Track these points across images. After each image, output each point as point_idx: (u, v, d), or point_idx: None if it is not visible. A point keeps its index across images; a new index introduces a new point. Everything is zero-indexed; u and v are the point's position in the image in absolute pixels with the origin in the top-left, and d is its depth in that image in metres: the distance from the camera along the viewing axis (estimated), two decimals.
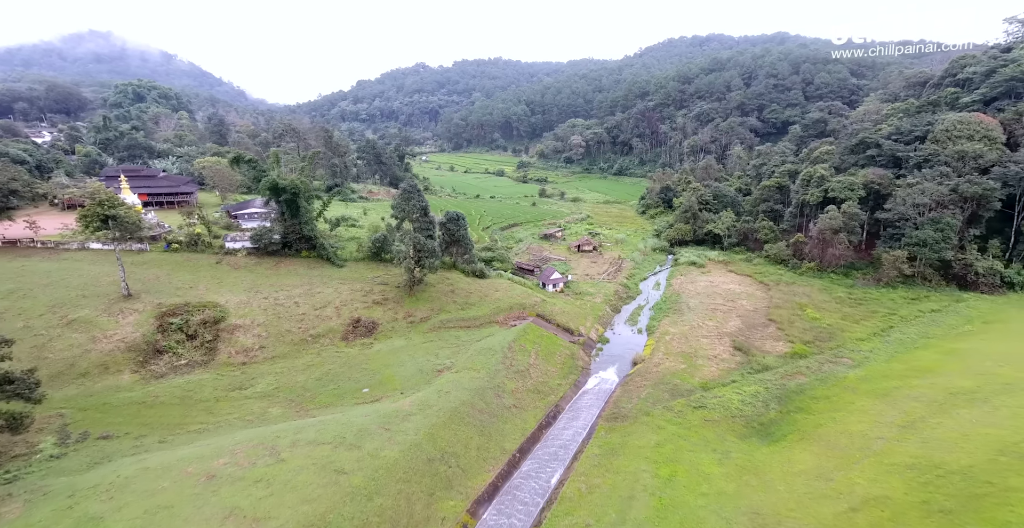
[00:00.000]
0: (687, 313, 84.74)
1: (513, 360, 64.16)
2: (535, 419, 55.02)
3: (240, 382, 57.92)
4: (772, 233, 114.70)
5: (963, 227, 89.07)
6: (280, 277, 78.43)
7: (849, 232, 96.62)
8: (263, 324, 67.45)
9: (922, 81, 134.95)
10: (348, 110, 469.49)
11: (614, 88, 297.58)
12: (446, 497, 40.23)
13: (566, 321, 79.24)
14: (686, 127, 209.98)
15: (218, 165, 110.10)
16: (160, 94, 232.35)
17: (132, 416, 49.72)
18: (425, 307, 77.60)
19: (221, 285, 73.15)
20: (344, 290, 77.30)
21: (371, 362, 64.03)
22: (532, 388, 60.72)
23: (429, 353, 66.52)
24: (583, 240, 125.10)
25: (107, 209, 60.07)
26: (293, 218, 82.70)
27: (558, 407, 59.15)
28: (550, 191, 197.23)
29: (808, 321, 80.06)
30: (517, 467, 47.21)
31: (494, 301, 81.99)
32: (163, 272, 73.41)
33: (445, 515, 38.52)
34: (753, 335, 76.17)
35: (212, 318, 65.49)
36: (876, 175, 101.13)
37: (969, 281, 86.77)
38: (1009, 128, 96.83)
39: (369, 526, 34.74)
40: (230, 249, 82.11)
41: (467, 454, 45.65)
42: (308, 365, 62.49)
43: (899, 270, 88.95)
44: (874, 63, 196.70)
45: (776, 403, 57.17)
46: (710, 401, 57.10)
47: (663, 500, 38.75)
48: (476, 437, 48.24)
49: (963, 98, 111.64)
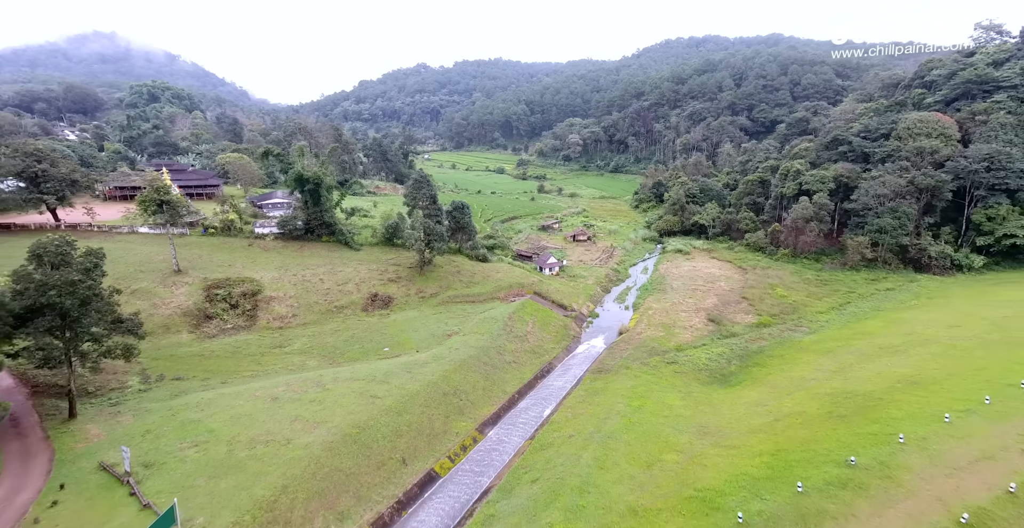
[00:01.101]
0: (670, 292, 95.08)
1: (513, 327, 74.58)
2: (531, 372, 65.45)
3: (279, 342, 68.41)
4: (752, 223, 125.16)
5: (919, 215, 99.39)
6: (305, 258, 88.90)
7: (819, 221, 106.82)
8: (294, 296, 77.94)
9: (895, 83, 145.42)
10: (351, 110, 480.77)
11: (611, 88, 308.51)
12: (459, 419, 50.67)
13: (560, 298, 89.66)
14: (679, 126, 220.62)
15: (241, 161, 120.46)
16: (173, 94, 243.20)
17: (195, 365, 60.17)
18: (434, 285, 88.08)
19: (255, 264, 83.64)
20: (362, 269, 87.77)
21: (389, 328, 74.46)
22: (529, 349, 71.15)
23: (439, 322, 76.96)
24: (578, 231, 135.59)
25: (162, 195, 70.51)
26: (315, 206, 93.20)
27: (551, 365, 69.59)
28: (548, 187, 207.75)
29: (777, 298, 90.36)
30: (516, 405, 57.65)
31: (495, 281, 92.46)
32: (204, 252, 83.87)
33: (459, 431, 48.95)
34: (726, 310, 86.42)
35: (250, 290, 75.94)
36: (845, 169, 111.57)
37: (923, 264, 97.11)
38: (964, 126, 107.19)
39: (400, 432, 45.15)
40: (259, 234, 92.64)
41: (474, 392, 56.08)
42: (335, 330, 72.94)
43: (862, 254, 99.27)
44: (859, 65, 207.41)
45: (738, 360, 67.58)
46: (681, 359, 67.52)
47: (631, 419, 49.10)
48: (481, 381, 58.68)
49: (927, 99, 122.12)
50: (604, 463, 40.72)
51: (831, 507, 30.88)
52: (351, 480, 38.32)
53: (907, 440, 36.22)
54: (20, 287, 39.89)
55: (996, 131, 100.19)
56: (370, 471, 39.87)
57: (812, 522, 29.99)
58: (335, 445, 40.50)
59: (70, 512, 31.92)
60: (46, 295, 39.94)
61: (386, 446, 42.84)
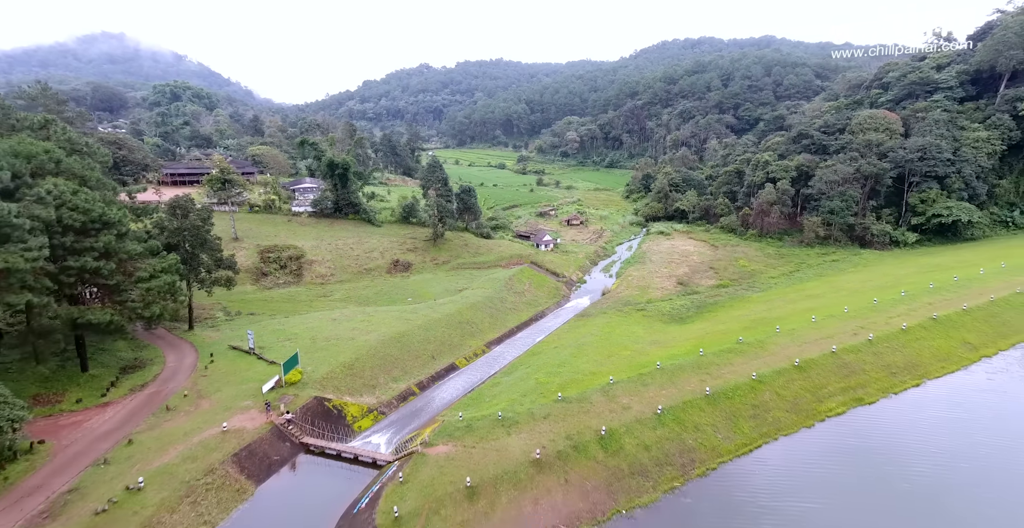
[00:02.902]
0: (648, 264, 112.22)
1: (512, 285, 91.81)
2: (527, 315, 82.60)
3: (323, 293, 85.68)
4: (727, 208, 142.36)
5: (864, 199, 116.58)
6: (336, 231, 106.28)
7: (782, 205, 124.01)
8: (330, 260, 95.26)
9: (859, 83, 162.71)
10: (355, 109, 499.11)
11: (608, 88, 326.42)
12: (471, 338, 67.84)
13: (554, 267, 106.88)
14: (670, 123, 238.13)
15: (271, 152, 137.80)
16: (193, 94, 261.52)
17: (261, 306, 77.40)
18: (445, 254, 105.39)
19: (295, 235, 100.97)
20: (384, 241, 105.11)
21: (410, 285, 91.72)
22: (526, 301, 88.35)
23: (451, 281, 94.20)
24: (572, 216, 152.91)
25: (227, 175, 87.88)
26: (343, 188, 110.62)
27: (544, 313, 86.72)
28: (547, 181, 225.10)
29: (739, 268, 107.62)
30: (515, 334, 74.80)
31: (498, 252, 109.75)
32: (253, 226, 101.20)
33: (471, 345, 66.14)
34: (694, 276, 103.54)
35: (295, 255, 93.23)
36: (806, 159, 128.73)
37: (867, 240, 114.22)
38: (907, 122, 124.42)
39: (429, 340, 62.33)
40: (296, 212, 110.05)
41: (482, 323, 73.28)
42: (366, 286, 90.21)
43: (816, 233, 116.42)
44: (836, 66, 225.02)
45: (695, 309, 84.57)
46: (650, 308, 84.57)
47: (602, 337, 66.24)
48: (487, 318, 75.88)
49: (882, 98, 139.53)
50: (577, 355, 57.94)
51: (718, 360, 48.09)
52: (398, 362, 55.57)
53: (782, 330, 53.48)
54: (162, 229, 57.19)
55: (931, 126, 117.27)
56: (410, 359, 57.09)
57: (703, 368, 47.15)
58: (384, 342, 57.74)
59: (224, 366, 49.16)
60: (179, 236, 57.27)
61: (420, 347, 60.06)
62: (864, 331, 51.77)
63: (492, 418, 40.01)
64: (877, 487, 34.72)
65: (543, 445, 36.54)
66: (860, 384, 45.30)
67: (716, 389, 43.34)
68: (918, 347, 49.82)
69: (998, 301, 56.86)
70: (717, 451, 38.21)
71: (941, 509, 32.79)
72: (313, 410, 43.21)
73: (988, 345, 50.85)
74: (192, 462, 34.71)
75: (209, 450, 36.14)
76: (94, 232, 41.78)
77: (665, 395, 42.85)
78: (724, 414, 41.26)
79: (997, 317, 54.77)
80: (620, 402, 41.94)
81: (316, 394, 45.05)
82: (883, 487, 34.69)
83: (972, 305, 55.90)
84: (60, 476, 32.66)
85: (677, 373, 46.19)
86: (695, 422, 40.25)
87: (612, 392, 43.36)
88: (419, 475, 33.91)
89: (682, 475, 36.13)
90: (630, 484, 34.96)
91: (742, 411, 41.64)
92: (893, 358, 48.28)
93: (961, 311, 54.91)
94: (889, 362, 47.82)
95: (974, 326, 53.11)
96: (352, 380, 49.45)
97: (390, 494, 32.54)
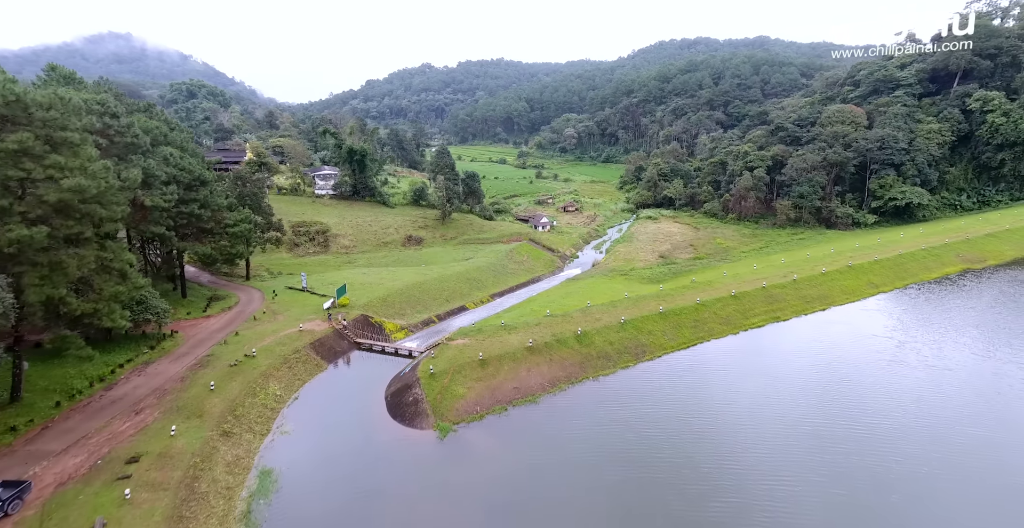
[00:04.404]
0: (635, 242, 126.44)
1: (513, 256, 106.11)
2: (526, 278, 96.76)
3: (348, 260, 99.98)
4: (710, 195, 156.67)
5: (830, 184, 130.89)
6: (355, 211, 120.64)
7: (758, 190, 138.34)
8: (352, 235, 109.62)
9: (835, 81, 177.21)
10: (359, 107, 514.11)
11: (605, 86, 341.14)
12: (478, 291, 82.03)
13: (550, 244, 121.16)
14: (663, 120, 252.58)
15: (291, 143, 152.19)
16: (208, 92, 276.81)
17: (297, 268, 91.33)
18: (453, 231, 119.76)
19: (320, 214, 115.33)
20: (398, 220, 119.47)
21: (423, 256, 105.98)
22: (525, 269, 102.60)
23: (458, 253, 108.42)
24: (568, 203, 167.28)
25: (263, 158, 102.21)
26: (361, 173, 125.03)
27: (540, 278, 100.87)
28: (545, 174, 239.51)
29: (715, 245, 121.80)
30: (515, 291, 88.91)
31: (500, 231, 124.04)
32: (281, 205, 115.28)
33: (479, 295, 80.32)
34: (675, 251, 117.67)
35: (321, 229, 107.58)
36: (781, 150, 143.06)
37: (832, 222, 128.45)
38: (871, 116, 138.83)
39: (443, 289, 76.53)
40: (318, 195, 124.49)
41: (487, 281, 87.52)
42: (385, 256, 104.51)
43: (787, 215, 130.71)
44: (822, 65, 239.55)
45: (671, 274, 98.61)
46: (632, 273, 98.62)
47: (587, 289, 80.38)
48: (491, 277, 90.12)
49: (852, 94, 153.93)
50: (565, 298, 72.24)
51: (674, 293, 62.37)
52: (420, 301, 69.87)
53: (728, 275, 67.72)
54: (227, 195, 71.54)
55: (891, 120, 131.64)
56: (429, 300, 71.39)
57: (661, 298, 61.33)
58: (408, 287, 72.05)
59: (286, 298, 63.57)
60: (242, 201, 71.61)
61: (436, 292, 74.33)
62: (792, 274, 66.01)
63: (497, 325, 54.29)
64: (782, 369, 48.97)
65: (534, 339, 50.75)
66: (780, 308, 59.59)
67: (668, 309, 57.61)
68: (831, 285, 64.14)
69: (905, 255, 71.21)
70: (663, 346, 52.48)
71: (815, 365, 47.08)
72: (360, 323, 57.48)
73: (887, 284, 65.18)
74: (283, 346, 48.98)
75: (293, 340, 50.41)
76: (196, 187, 56.13)
77: (628, 313, 57.13)
78: (671, 324, 55.54)
79: (901, 266, 69.08)
80: (594, 316, 56.22)
81: (361, 313, 59.38)
82: (785, 367, 48.97)
83: (882, 257, 70.22)
84: (197, 349, 46.93)
85: (640, 300, 60.50)
86: (649, 329, 54.53)
87: (589, 311, 57.64)
88: (445, 353, 48.15)
89: (635, 359, 50.38)
90: (597, 363, 49.19)
91: (685, 323, 55.92)
92: (809, 292, 62.60)
93: (872, 261, 69.23)
94: (806, 294, 62.13)
95: (880, 271, 67.46)
96: (386, 308, 63.75)
97: (425, 363, 46.74)
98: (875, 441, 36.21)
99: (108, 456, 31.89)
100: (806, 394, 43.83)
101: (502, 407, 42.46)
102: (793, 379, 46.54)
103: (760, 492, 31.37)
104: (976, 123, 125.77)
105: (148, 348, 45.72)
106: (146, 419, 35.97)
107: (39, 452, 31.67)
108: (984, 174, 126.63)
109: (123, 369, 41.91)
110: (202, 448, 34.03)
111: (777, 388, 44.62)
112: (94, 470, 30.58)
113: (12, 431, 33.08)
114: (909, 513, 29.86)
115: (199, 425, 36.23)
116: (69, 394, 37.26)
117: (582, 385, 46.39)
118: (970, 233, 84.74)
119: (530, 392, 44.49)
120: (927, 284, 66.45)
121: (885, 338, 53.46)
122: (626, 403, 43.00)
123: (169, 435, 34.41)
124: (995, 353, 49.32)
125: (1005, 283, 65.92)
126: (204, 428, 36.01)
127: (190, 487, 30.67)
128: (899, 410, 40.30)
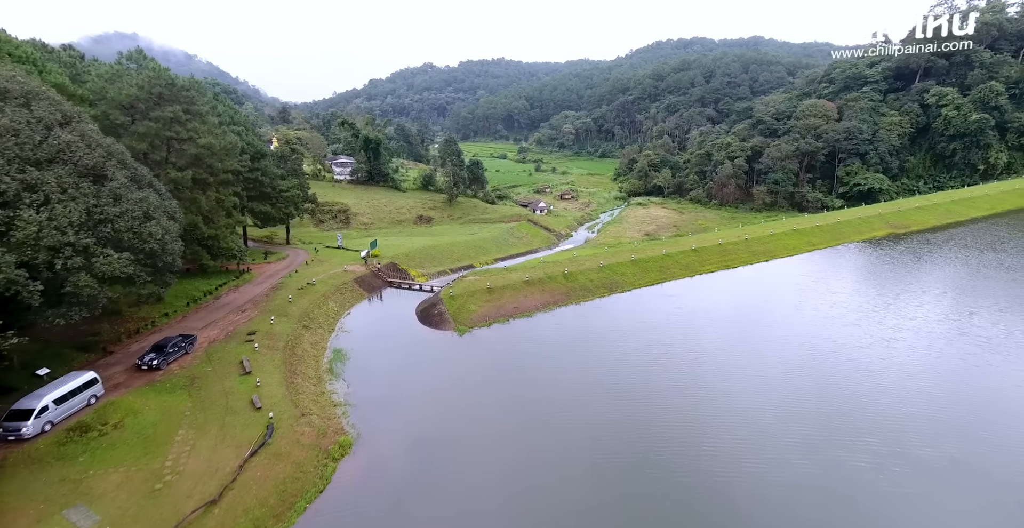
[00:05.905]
0: (624, 224, 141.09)
1: (514, 232, 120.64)
2: (525, 249, 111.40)
3: (367, 234, 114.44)
4: (696, 184, 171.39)
5: (802, 171, 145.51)
6: (371, 194, 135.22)
7: (738, 178, 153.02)
8: (369, 213, 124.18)
9: (814, 79, 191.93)
10: (362, 106, 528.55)
11: (603, 85, 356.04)
12: (484, 256, 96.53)
13: (547, 224, 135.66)
14: (657, 116, 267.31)
15: (308, 134, 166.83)
16: (222, 89, 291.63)
17: (325, 239, 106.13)
18: (459, 212, 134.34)
19: (340, 196, 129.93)
20: (410, 201, 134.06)
21: (433, 231, 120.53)
22: (524, 243, 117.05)
23: (465, 230, 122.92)
24: (565, 192, 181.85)
25: (292, 143, 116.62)
26: (375, 160, 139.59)
27: (537, 250, 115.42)
28: (544, 168, 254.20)
29: (697, 226, 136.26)
30: (514, 258, 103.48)
31: (502, 213, 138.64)
32: None
33: (484, 258, 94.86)
34: (659, 231, 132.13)
35: (343, 209, 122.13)
36: (759, 141, 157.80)
37: (804, 206, 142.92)
38: (841, 110, 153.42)
39: (453, 252, 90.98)
40: (337, 180, 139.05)
41: (491, 249, 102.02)
42: (399, 231, 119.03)
43: (763, 200, 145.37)
44: (808, 64, 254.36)
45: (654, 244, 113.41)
46: (618, 246, 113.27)
47: (576, 254, 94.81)
48: (495, 247, 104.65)
49: (827, 90, 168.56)
50: (556, 257, 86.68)
51: (646, 249, 76.71)
52: (435, 258, 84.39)
53: (695, 240, 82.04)
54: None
55: (857, 113, 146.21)
56: (443, 257, 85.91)
57: (634, 251, 75.69)
58: (425, 248, 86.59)
59: (327, 253, 78.17)
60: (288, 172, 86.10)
61: (448, 253, 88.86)
62: (745, 235, 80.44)
63: (501, 268, 68.76)
64: (721, 294, 63.48)
65: (530, 276, 65.24)
66: (731, 259, 74.10)
67: (639, 258, 72.12)
68: (776, 243, 78.67)
69: (842, 222, 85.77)
70: (632, 284, 67.01)
71: (747, 291, 61.58)
72: (390, 268, 72.07)
73: (823, 244, 79.75)
74: (334, 279, 63.51)
75: (340, 277, 64.94)
76: (259, 158, 70.65)
77: (607, 260, 71.68)
78: (640, 269, 70.08)
79: (838, 230, 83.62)
80: (579, 263, 70.77)
81: (391, 261, 73.95)
82: (722, 292, 63.49)
83: (823, 223, 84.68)
84: (270, 280, 61.48)
85: (617, 252, 75.00)
86: (622, 271, 69.05)
87: (575, 259, 72.21)
88: (461, 284, 62.66)
89: (609, 292, 64.89)
90: (579, 294, 63.69)
91: (652, 268, 70.44)
92: (758, 248, 77.15)
93: (814, 226, 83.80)
94: (754, 250, 76.67)
95: (819, 234, 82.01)
96: (408, 261, 78.31)
97: (446, 290, 61.23)
98: (768, 339, 50.93)
99: (234, 331, 46.42)
100: (733, 307, 58.47)
101: (505, 319, 56.96)
102: (727, 299, 61.22)
103: (693, 361, 46.00)
104: (933, 116, 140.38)
105: (235, 277, 60.19)
106: (250, 315, 50.48)
107: (188, 328, 46.17)
108: (939, 162, 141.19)
109: (222, 289, 56.41)
110: (293, 332, 48.58)
111: (717, 304, 59.26)
112: (228, 337, 45.14)
113: (166, 315, 47.71)
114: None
115: (287, 321, 50.73)
116: (193, 298, 51.84)
117: (567, 308, 60.86)
118: (902, 206, 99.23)
119: (526, 310, 58.99)
120: (856, 244, 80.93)
121: (808, 277, 68.09)
122: (599, 320, 57.51)
123: (270, 323, 48.93)
124: (885, 297, 63.97)
125: (916, 243, 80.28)
126: (291, 322, 50.52)
127: (291, 351, 45.21)
128: (796, 313, 55.01)
